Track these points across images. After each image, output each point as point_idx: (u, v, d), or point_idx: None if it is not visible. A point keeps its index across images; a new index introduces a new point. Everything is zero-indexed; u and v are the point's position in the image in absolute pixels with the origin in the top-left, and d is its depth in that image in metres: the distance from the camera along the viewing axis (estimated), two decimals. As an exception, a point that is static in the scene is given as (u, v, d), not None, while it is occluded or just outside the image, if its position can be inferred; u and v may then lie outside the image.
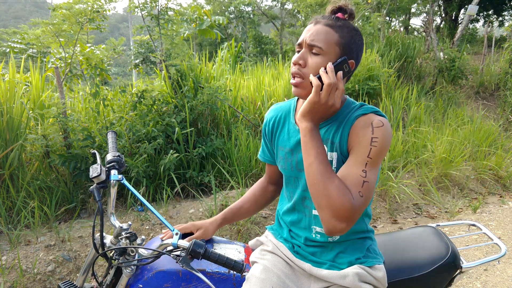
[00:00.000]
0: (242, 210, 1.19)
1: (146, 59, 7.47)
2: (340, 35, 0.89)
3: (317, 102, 0.85)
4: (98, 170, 1.01)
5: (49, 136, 2.57)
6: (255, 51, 16.02)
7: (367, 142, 0.86)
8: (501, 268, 2.35)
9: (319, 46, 0.88)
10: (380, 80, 4.53)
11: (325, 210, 0.81)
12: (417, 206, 3.30)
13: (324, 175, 0.82)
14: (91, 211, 2.62)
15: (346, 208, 0.79)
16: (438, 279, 1.13)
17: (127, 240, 0.95)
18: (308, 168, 0.85)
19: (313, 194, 0.84)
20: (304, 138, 0.87)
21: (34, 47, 3.70)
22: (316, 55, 0.89)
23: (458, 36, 7.08)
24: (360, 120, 0.90)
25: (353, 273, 0.94)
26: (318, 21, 0.90)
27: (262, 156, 1.18)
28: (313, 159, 0.85)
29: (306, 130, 0.87)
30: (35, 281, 1.94)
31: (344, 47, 0.89)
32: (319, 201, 0.82)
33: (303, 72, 0.90)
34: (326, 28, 0.89)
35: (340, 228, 0.81)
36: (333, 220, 0.80)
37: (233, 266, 0.91)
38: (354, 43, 0.91)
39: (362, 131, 0.88)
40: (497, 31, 14.25)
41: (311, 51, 0.89)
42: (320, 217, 0.83)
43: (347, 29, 0.90)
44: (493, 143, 4.40)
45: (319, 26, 0.89)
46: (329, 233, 0.83)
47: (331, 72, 0.85)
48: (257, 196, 1.21)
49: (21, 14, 70.01)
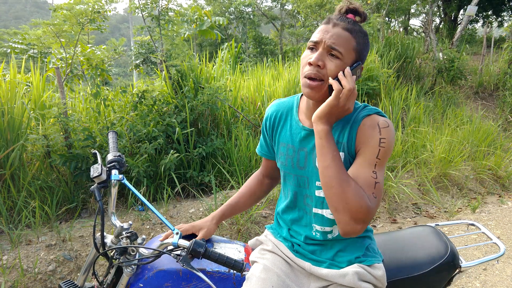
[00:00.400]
0: (239, 205, 1.20)
1: (147, 59, 7.49)
2: (357, 41, 0.89)
3: (335, 105, 0.86)
4: (99, 170, 1.02)
5: (50, 136, 2.58)
6: (255, 51, 16.02)
7: (375, 143, 0.87)
8: (500, 267, 2.36)
9: (340, 50, 0.87)
10: (379, 80, 4.54)
11: (342, 212, 0.82)
12: (416, 205, 3.31)
13: (341, 178, 0.83)
14: (92, 211, 2.62)
15: (363, 210, 0.81)
16: (437, 279, 1.14)
17: (127, 239, 0.95)
18: (324, 170, 0.85)
19: (330, 197, 0.84)
20: (320, 140, 0.87)
21: (35, 48, 3.71)
22: (335, 58, 0.88)
23: (457, 37, 7.08)
24: (366, 120, 0.91)
25: (352, 272, 0.94)
26: (336, 23, 0.89)
27: (260, 150, 1.18)
28: (329, 162, 0.85)
29: (323, 133, 0.87)
30: (36, 281, 1.94)
31: (359, 53, 0.91)
32: (336, 204, 0.83)
33: (322, 73, 0.88)
34: (345, 32, 0.88)
35: (357, 229, 0.82)
36: (351, 222, 0.82)
37: (233, 266, 0.91)
38: (366, 49, 0.93)
39: (369, 132, 0.89)
40: (496, 32, 14.26)
41: (329, 53, 0.88)
42: (337, 220, 0.84)
43: (361, 34, 0.91)
44: (492, 143, 4.41)
45: (339, 30, 0.88)
46: (345, 235, 0.84)
47: (350, 77, 0.86)
48: (253, 190, 1.22)
49: (21, 15, 70.00)
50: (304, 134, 0.99)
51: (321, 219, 0.99)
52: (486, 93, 6.50)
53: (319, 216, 0.99)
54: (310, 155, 0.98)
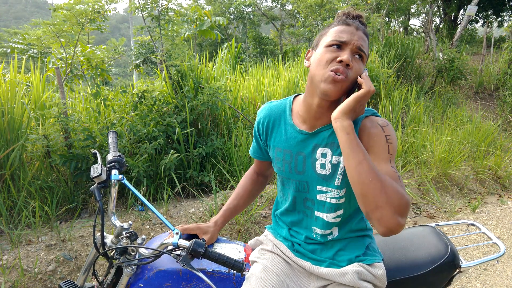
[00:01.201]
0: (238, 207, 1.21)
1: (147, 59, 7.49)
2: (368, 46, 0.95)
3: (359, 102, 0.87)
4: (99, 170, 1.02)
5: (50, 136, 2.58)
6: (255, 51, 16.02)
7: (383, 141, 0.89)
8: (500, 267, 2.36)
9: (366, 53, 0.92)
10: (379, 80, 4.54)
11: (385, 208, 0.77)
12: (416, 205, 3.31)
13: (376, 172, 0.81)
14: (92, 211, 2.62)
15: (405, 202, 0.78)
16: (437, 279, 1.14)
17: (127, 239, 0.95)
18: (357, 166, 0.82)
19: (368, 193, 0.79)
20: (348, 135, 0.85)
21: (35, 48, 3.71)
22: (359, 60, 0.91)
23: (457, 37, 7.08)
24: (365, 122, 0.92)
25: (352, 271, 0.95)
26: (358, 27, 0.92)
27: (253, 152, 1.18)
28: (362, 158, 0.82)
29: (349, 128, 0.85)
30: (36, 281, 1.94)
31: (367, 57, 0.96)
32: (376, 199, 0.78)
33: (348, 72, 0.88)
34: (365, 37, 0.93)
35: (402, 223, 0.78)
36: (396, 216, 0.77)
37: (233, 266, 0.91)
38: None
39: (373, 131, 0.90)
40: (496, 32, 14.27)
41: (355, 54, 0.90)
42: (378, 217, 0.78)
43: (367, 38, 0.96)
44: (492, 143, 4.41)
45: (361, 33, 0.92)
46: (389, 232, 0.78)
47: (368, 79, 0.89)
48: (249, 190, 1.22)
49: (21, 15, 70.00)
50: (302, 138, 0.98)
51: (321, 222, 0.99)
52: (486, 93, 6.50)
53: (320, 219, 0.99)
54: (308, 159, 0.97)
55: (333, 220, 0.98)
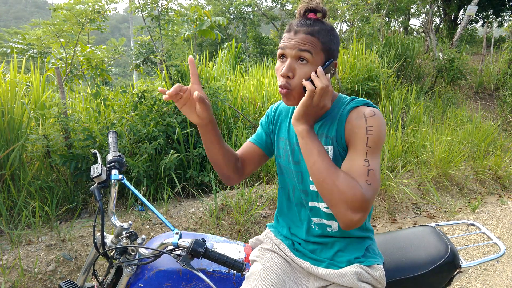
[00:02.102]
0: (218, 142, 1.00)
1: (147, 59, 7.49)
2: (322, 41, 0.90)
3: (310, 105, 0.88)
4: (99, 170, 1.02)
5: (50, 136, 2.58)
6: (255, 51, 16.02)
7: (363, 132, 0.88)
8: (500, 267, 2.36)
9: (306, 56, 0.89)
10: (379, 80, 4.54)
11: (338, 204, 0.82)
12: (416, 205, 3.31)
13: (329, 171, 0.84)
14: (92, 211, 2.62)
15: (358, 198, 0.80)
16: (437, 279, 1.14)
17: (127, 239, 0.96)
18: (312, 167, 0.86)
19: (322, 191, 0.85)
20: (302, 140, 0.89)
21: (35, 48, 3.71)
22: (304, 64, 0.89)
23: (457, 37, 7.08)
24: (353, 112, 0.92)
25: (352, 272, 0.95)
26: (297, 30, 0.90)
27: (255, 139, 1.12)
28: (315, 158, 0.86)
29: (304, 132, 0.89)
30: (36, 281, 1.94)
31: (328, 51, 0.91)
32: (329, 197, 0.83)
33: (290, 84, 0.91)
34: (308, 36, 0.89)
35: (356, 219, 0.81)
36: (349, 213, 0.81)
37: (233, 265, 0.91)
38: (333, 43, 0.92)
39: (356, 122, 0.90)
40: (496, 32, 14.27)
41: (297, 60, 0.90)
42: (335, 214, 0.84)
43: (325, 31, 0.91)
44: (492, 143, 4.41)
45: (301, 35, 0.89)
46: (346, 227, 0.83)
47: (322, 76, 0.87)
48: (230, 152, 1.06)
49: (21, 15, 70.01)
50: None
51: (318, 211, 1.00)
52: (486, 93, 6.50)
53: (316, 208, 1.00)
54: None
55: (327, 210, 0.99)
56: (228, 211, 2.59)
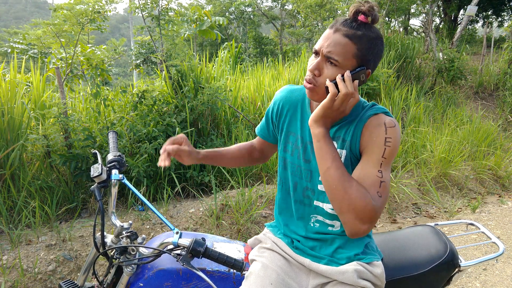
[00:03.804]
0: (223, 158, 1.17)
1: (147, 59, 7.49)
2: (358, 47, 0.86)
3: (329, 107, 0.86)
4: (99, 169, 1.02)
5: (50, 136, 2.58)
6: (255, 51, 16.02)
7: (381, 142, 0.87)
8: (500, 267, 2.36)
9: (336, 59, 0.86)
10: (379, 80, 4.54)
11: (347, 213, 0.82)
12: (416, 205, 3.31)
13: (343, 180, 0.83)
14: (92, 211, 2.63)
15: (368, 210, 0.80)
16: (437, 278, 1.14)
17: (127, 239, 0.96)
18: (325, 173, 0.85)
19: (333, 199, 0.84)
20: (318, 143, 0.87)
21: (35, 48, 3.71)
22: (333, 66, 0.88)
23: (457, 37, 7.09)
24: (372, 119, 0.91)
25: (352, 270, 0.95)
26: (338, 29, 0.87)
27: (259, 131, 1.18)
28: (330, 164, 0.85)
29: (320, 135, 0.87)
30: (36, 281, 1.95)
31: (362, 59, 0.88)
32: (340, 205, 0.83)
33: (316, 80, 0.90)
34: (345, 39, 0.86)
35: (363, 229, 0.82)
36: (357, 223, 0.81)
37: (233, 265, 0.91)
38: (372, 53, 0.89)
39: (375, 130, 0.88)
40: (496, 32, 14.27)
41: (327, 60, 0.88)
42: (342, 221, 0.84)
43: (367, 38, 0.87)
44: (492, 143, 4.41)
45: (338, 36, 0.86)
46: (352, 236, 0.84)
47: (349, 81, 0.85)
48: (241, 154, 1.20)
49: (21, 15, 70.01)
50: None
51: (321, 211, 1.00)
52: (486, 93, 6.50)
53: (320, 208, 1.00)
54: None
55: (332, 211, 0.98)
56: (228, 211, 2.59)
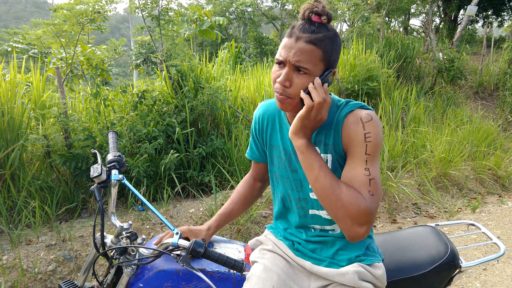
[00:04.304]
0: (233, 213, 1.18)
1: (147, 59, 7.50)
2: (323, 50, 0.85)
3: (307, 118, 0.85)
4: (98, 170, 1.02)
5: (50, 136, 2.58)
6: (255, 51, 16.01)
7: (361, 140, 0.85)
8: (500, 267, 2.36)
9: (305, 67, 0.84)
10: (379, 80, 4.54)
11: (343, 219, 0.82)
12: (416, 205, 3.31)
13: (332, 186, 0.83)
14: (92, 211, 2.62)
15: (363, 212, 0.80)
16: (437, 279, 1.14)
17: (127, 239, 0.96)
18: (315, 183, 0.85)
19: (327, 207, 0.84)
20: (302, 155, 0.87)
21: (35, 48, 3.71)
22: (302, 75, 0.85)
23: (457, 37, 7.08)
24: (349, 117, 0.89)
25: (353, 271, 0.95)
26: (299, 37, 0.84)
27: (250, 154, 1.16)
28: (317, 173, 0.84)
29: (303, 147, 0.86)
30: (36, 281, 1.94)
31: (328, 60, 0.87)
32: (334, 212, 0.83)
33: (288, 92, 0.87)
34: (309, 46, 0.83)
35: (362, 232, 0.81)
36: (355, 227, 0.81)
37: (233, 266, 0.91)
38: (335, 51, 0.87)
39: (353, 128, 0.87)
40: (496, 32, 14.26)
41: (296, 70, 0.85)
42: (340, 227, 0.84)
43: (328, 39, 0.85)
44: (492, 143, 4.41)
45: (301, 44, 0.83)
46: (352, 240, 0.84)
47: (320, 88, 0.84)
48: (245, 196, 1.20)
49: (21, 15, 70.00)
50: None
51: (319, 219, 1.00)
52: (486, 93, 6.50)
53: (317, 216, 1.00)
54: None
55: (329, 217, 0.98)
56: (228, 211, 2.58)
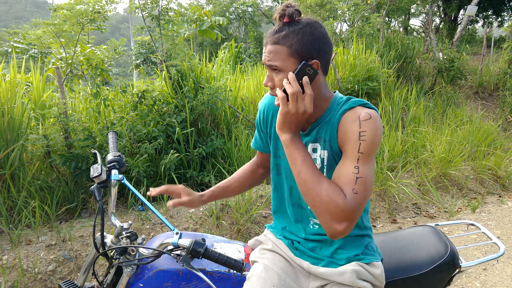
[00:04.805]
0: (229, 189, 1.20)
1: (147, 59, 7.49)
2: (288, 45, 0.86)
3: (287, 112, 0.85)
4: (98, 170, 1.02)
5: (50, 136, 2.58)
6: (255, 51, 16.01)
7: (355, 138, 0.85)
8: (500, 267, 2.36)
9: (275, 65, 0.88)
10: (379, 80, 4.54)
11: (321, 214, 0.81)
12: (416, 205, 3.31)
13: (313, 181, 0.83)
14: (92, 211, 2.63)
15: (341, 209, 0.79)
16: (437, 278, 1.14)
17: (127, 239, 0.96)
18: (297, 177, 0.85)
19: (308, 202, 0.85)
20: (287, 149, 0.87)
21: (35, 48, 3.71)
22: (278, 73, 0.89)
23: (457, 37, 7.08)
24: (347, 115, 0.89)
25: (351, 270, 0.95)
26: (267, 41, 0.90)
27: (254, 144, 1.19)
28: (299, 167, 0.85)
29: (288, 141, 0.87)
30: (36, 281, 1.95)
31: (299, 53, 0.87)
32: (314, 208, 0.83)
33: (274, 91, 0.93)
34: (274, 46, 0.88)
35: (340, 230, 0.80)
36: (333, 223, 0.80)
37: (233, 265, 0.91)
38: (309, 43, 0.87)
39: (349, 126, 0.87)
40: (496, 32, 14.27)
41: (272, 70, 0.91)
42: (320, 223, 0.84)
43: (293, 33, 0.86)
44: (492, 143, 4.41)
45: (269, 47, 0.89)
46: (331, 237, 0.83)
47: (293, 81, 0.85)
48: (246, 178, 1.22)
49: (21, 15, 70.02)
50: None
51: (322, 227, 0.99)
52: (486, 93, 6.50)
53: None
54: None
55: None
56: (228, 211, 2.59)
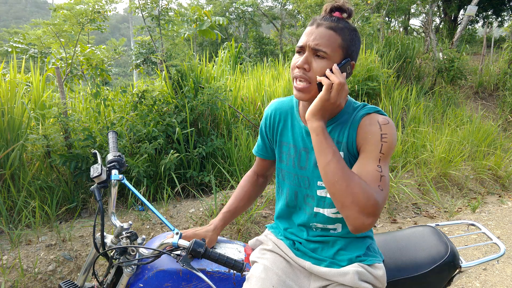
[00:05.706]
0: (238, 209, 1.20)
1: (147, 59, 7.50)
2: (342, 38, 0.89)
3: (327, 100, 0.86)
4: (98, 170, 1.02)
5: (50, 136, 2.58)
6: (255, 51, 16.00)
7: (377, 139, 0.87)
8: (500, 267, 2.36)
9: (324, 50, 0.87)
10: (379, 80, 4.54)
11: (350, 207, 0.81)
12: (416, 205, 3.31)
13: (344, 173, 0.82)
14: (92, 211, 2.62)
15: (371, 203, 0.80)
16: (437, 279, 1.14)
17: (127, 239, 0.96)
18: (326, 167, 0.84)
19: (335, 193, 0.83)
20: (318, 137, 0.87)
21: (35, 48, 3.71)
22: (321, 59, 0.89)
23: (457, 37, 7.08)
24: (366, 119, 0.91)
25: (353, 271, 0.95)
26: (320, 24, 0.89)
27: (257, 150, 1.18)
28: (330, 158, 0.84)
29: (319, 129, 0.87)
30: (36, 281, 1.94)
31: (347, 50, 0.91)
32: (342, 199, 0.82)
33: (308, 76, 0.90)
34: (329, 31, 0.88)
35: (368, 223, 0.80)
36: (361, 217, 0.80)
37: (233, 266, 0.91)
38: (354, 45, 0.92)
39: (370, 129, 0.89)
40: (496, 32, 14.27)
41: (315, 54, 0.89)
42: (345, 216, 0.82)
43: (348, 30, 0.90)
44: (492, 143, 4.41)
45: (322, 29, 0.88)
46: (356, 231, 0.82)
47: (338, 72, 0.86)
48: (249, 192, 1.21)
49: (21, 15, 70.01)
50: (306, 134, 1.00)
51: (322, 217, 1.00)
52: (486, 93, 6.50)
53: (321, 215, 1.00)
54: (311, 154, 0.99)
55: (334, 215, 0.98)
56: (228, 211, 2.58)
